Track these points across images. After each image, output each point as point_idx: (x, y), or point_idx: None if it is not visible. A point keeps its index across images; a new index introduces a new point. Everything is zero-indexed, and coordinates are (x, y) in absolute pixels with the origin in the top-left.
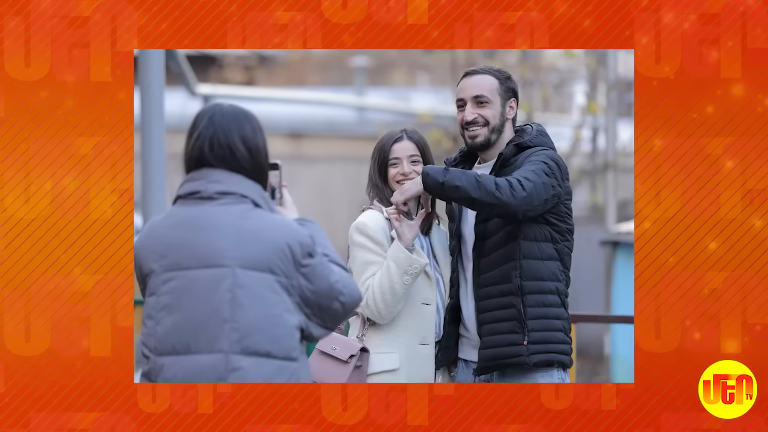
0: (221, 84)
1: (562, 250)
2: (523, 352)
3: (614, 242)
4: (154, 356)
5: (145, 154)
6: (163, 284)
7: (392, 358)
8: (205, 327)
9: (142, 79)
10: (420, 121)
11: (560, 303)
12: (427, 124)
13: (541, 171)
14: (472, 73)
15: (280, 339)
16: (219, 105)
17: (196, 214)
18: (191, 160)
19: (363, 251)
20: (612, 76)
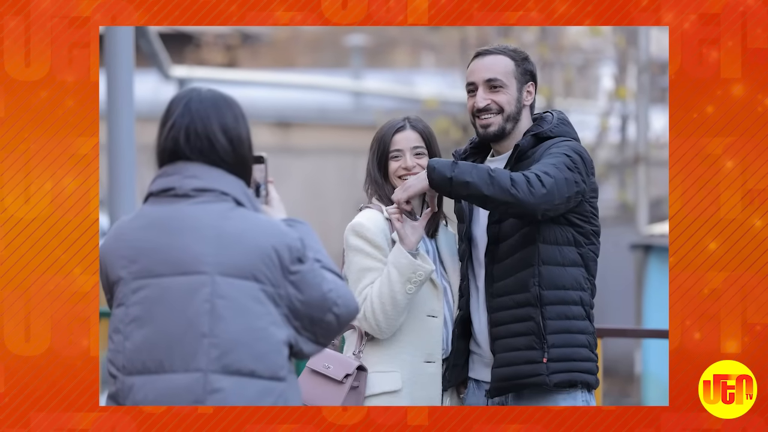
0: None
1: (586, 255)
2: (542, 371)
3: (646, 246)
4: (122, 376)
5: (111, 146)
6: (133, 294)
7: (393, 377)
8: (180, 342)
9: (109, 59)
10: (425, 107)
11: (585, 315)
12: (433, 112)
13: (563, 165)
14: (485, 54)
15: (265, 356)
16: (196, 90)
17: (170, 214)
18: (164, 153)
19: (360, 256)
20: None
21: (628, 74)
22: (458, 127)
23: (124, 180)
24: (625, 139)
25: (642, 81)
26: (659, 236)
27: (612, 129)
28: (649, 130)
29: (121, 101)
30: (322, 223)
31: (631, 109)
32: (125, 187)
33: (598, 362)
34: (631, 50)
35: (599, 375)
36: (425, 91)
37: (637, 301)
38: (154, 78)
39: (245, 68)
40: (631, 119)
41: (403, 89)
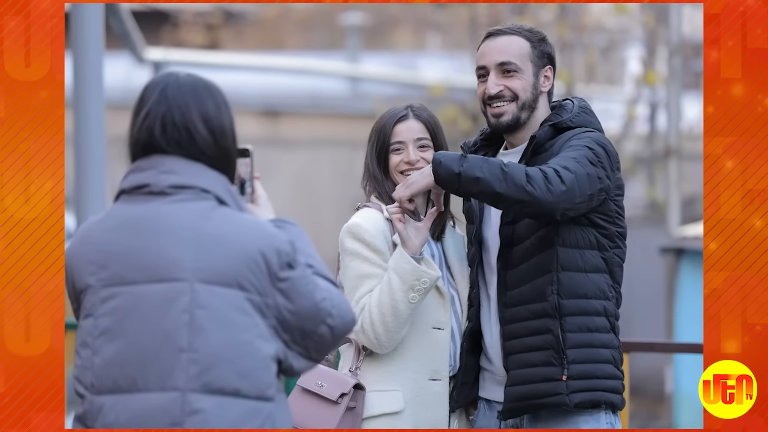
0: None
1: (611, 260)
2: (561, 389)
3: (678, 249)
4: (91, 395)
5: (79, 137)
6: (102, 303)
7: (394, 397)
8: (155, 357)
9: (76, 41)
10: (430, 94)
11: (609, 327)
12: (439, 99)
13: (585, 158)
14: (497, 34)
15: (251, 373)
16: (173, 74)
17: (143, 214)
18: (138, 145)
19: (357, 261)
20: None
21: (657, 57)
22: (467, 117)
23: (92, 176)
24: (654, 130)
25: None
26: (693, 239)
27: (640, 118)
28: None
29: (89, 87)
30: (315, 224)
31: (661, 96)
32: (93, 183)
33: (624, 380)
34: (662, 30)
35: (625, 394)
36: (430, 76)
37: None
38: (126, 61)
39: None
40: (661, 107)
41: (405, 74)
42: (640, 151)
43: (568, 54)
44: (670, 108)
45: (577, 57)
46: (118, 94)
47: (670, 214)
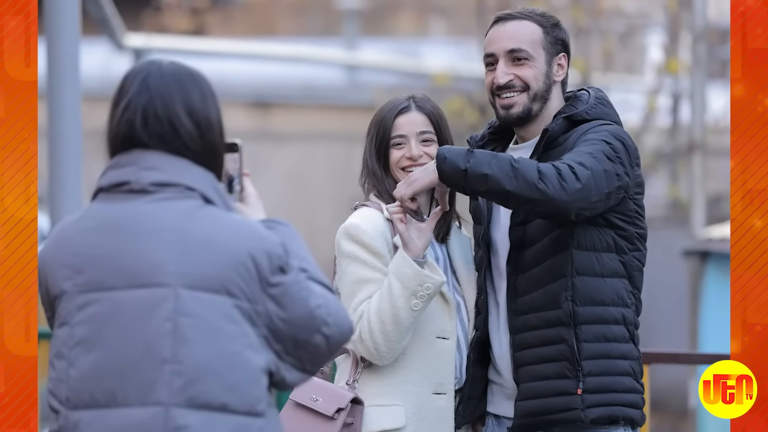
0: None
1: (630, 264)
2: (576, 404)
3: (703, 252)
4: (66, 410)
5: (53, 131)
6: (79, 311)
7: (395, 412)
8: (136, 370)
9: (50, 26)
10: (434, 84)
11: (628, 337)
12: (443, 89)
13: (602, 154)
14: (507, 19)
15: (240, 386)
16: (156, 63)
17: (123, 214)
18: (117, 139)
19: (355, 265)
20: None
21: (680, 43)
22: (474, 108)
23: (67, 173)
24: (677, 123)
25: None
26: (718, 240)
27: (661, 110)
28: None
29: (64, 77)
30: (309, 225)
31: (684, 85)
32: (69, 181)
33: (644, 394)
34: (685, 14)
35: (646, 409)
36: (434, 64)
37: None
38: (104, 48)
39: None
40: (685, 98)
41: (407, 62)
42: (661, 145)
43: (583, 40)
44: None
45: (594, 44)
46: (95, 84)
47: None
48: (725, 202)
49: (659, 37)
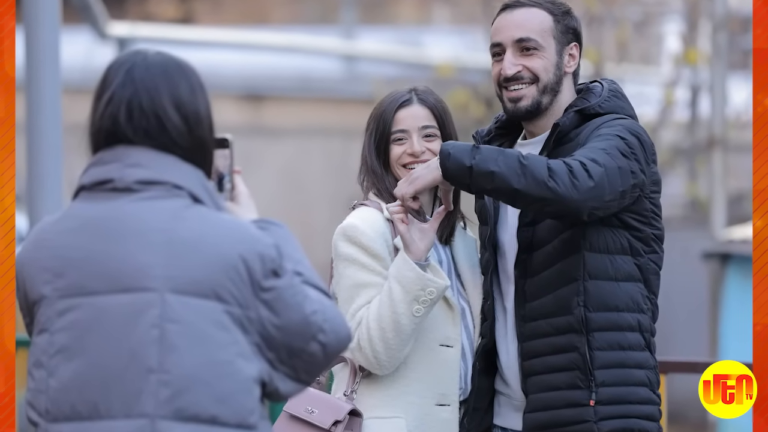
0: (144, 21)
1: (645, 267)
2: (589, 416)
3: (724, 254)
4: (46, 423)
5: (31, 125)
6: (59, 317)
7: (396, 425)
8: (120, 379)
9: (28, 13)
10: (437, 75)
11: (644, 344)
12: (447, 81)
13: (616, 150)
14: (515, 6)
15: (230, 397)
16: (141, 53)
17: (107, 214)
18: (100, 134)
19: (353, 268)
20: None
21: (699, 32)
22: (480, 101)
23: (47, 169)
24: (695, 117)
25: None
26: (740, 242)
27: (679, 103)
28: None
29: (44, 68)
30: (305, 225)
31: (703, 77)
32: (48, 178)
33: (661, 405)
34: (704, 1)
35: (663, 421)
36: (437, 54)
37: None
38: (86, 37)
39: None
40: (704, 91)
41: (408, 52)
42: (679, 141)
43: (596, 29)
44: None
45: (607, 32)
46: (76, 76)
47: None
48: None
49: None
